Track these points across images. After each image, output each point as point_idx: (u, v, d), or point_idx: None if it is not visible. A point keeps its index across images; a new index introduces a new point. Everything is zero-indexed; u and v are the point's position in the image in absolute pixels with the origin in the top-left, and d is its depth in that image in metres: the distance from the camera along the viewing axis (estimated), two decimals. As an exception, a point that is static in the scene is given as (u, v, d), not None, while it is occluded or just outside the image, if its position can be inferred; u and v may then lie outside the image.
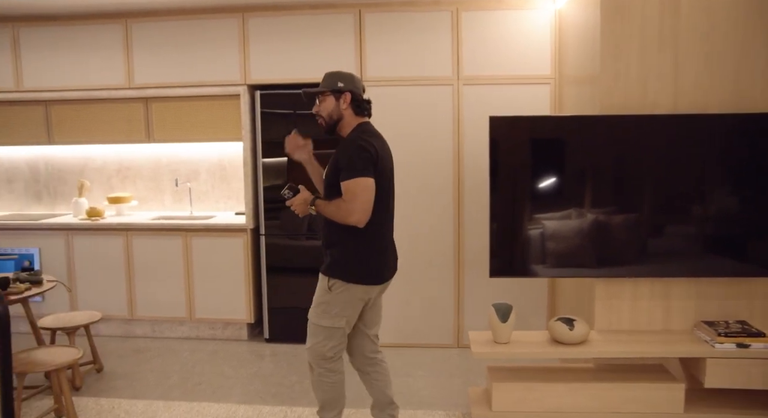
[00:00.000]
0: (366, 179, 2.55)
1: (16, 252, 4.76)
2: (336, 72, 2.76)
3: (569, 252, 3.22)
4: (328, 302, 2.70)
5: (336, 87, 2.70)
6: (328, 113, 2.73)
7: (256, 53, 4.39)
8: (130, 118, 4.75)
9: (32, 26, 4.66)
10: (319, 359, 2.75)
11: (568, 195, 3.22)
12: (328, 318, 2.70)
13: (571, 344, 3.01)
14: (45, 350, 3.39)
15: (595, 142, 3.15)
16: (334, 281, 2.67)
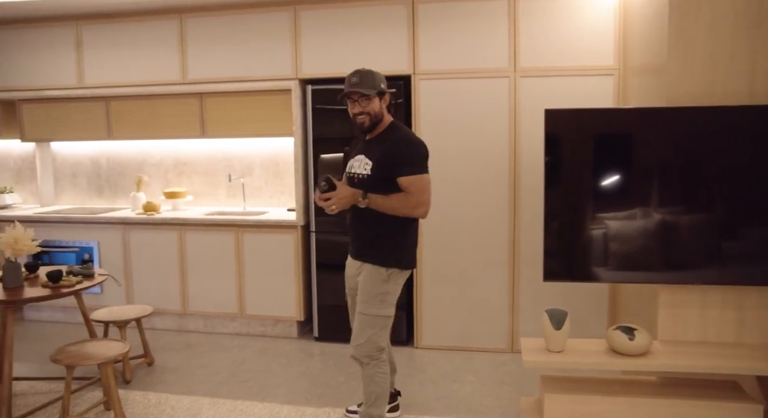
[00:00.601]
0: (428, 176, 2.78)
1: (77, 245, 4.89)
2: (372, 72, 2.85)
3: (630, 256, 2.98)
4: (386, 291, 2.83)
5: (381, 89, 2.84)
6: (375, 113, 2.85)
7: (308, 47, 4.32)
8: (185, 114, 4.78)
9: (93, 24, 4.76)
10: (375, 350, 2.85)
11: (631, 193, 2.98)
12: (387, 307, 2.85)
13: (631, 355, 2.78)
14: (95, 343, 3.42)
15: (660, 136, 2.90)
16: (392, 270, 2.82)
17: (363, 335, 2.85)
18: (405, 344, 4.37)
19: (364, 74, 2.82)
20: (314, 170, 4.38)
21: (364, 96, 2.80)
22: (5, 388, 3.22)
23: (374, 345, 2.85)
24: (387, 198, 2.75)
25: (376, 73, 2.85)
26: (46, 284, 3.44)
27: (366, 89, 2.79)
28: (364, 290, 2.86)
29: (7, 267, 3.40)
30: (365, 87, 2.80)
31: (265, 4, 4.36)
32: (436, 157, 4.09)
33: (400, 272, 2.85)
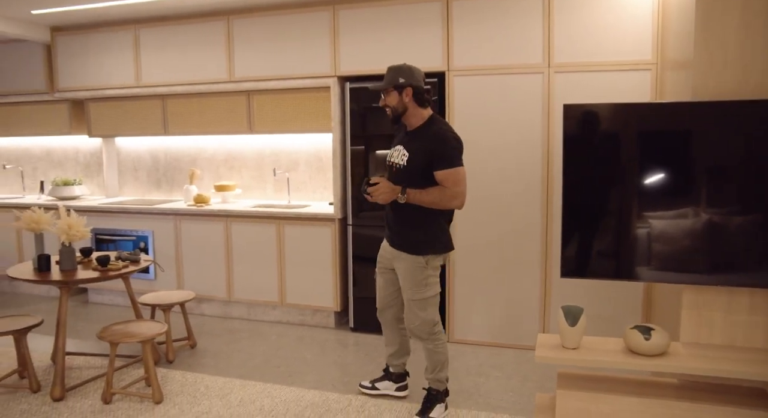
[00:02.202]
0: (463, 169, 2.95)
1: (135, 234, 5.21)
2: (397, 67, 3.04)
3: (649, 253, 2.93)
4: (427, 276, 3.07)
5: (398, 83, 2.99)
6: (394, 106, 3.05)
7: (346, 45, 4.44)
8: (234, 111, 5.01)
9: (150, 27, 5.06)
10: (432, 325, 3.13)
11: (652, 190, 2.93)
12: (431, 288, 3.09)
13: (647, 355, 2.74)
14: (138, 323, 3.67)
15: (680, 130, 2.83)
16: (428, 257, 3.05)
17: (417, 318, 3.12)
18: (437, 337, 4.42)
19: (388, 70, 3.05)
20: (351, 166, 4.49)
21: (384, 90, 3.05)
22: (60, 360, 3.51)
23: (429, 323, 3.12)
24: (424, 193, 2.94)
25: (399, 67, 3.02)
26: (96, 268, 3.71)
27: (384, 84, 3.03)
28: (407, 278, 3.11)
29: (63, 251, 3.69)
30: (383, 83, 3.03)
31: (306, 4, 4.52)
32: (469, 154, 4.12)
33: (435, 256, 3.07)
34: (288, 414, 3.26)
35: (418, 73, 3.03)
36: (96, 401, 3.42)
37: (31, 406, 3.39)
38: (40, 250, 3.76)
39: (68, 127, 5.71)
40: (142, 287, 5.15)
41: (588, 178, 3.00)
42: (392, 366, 3.50)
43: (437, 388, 3.23)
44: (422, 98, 3.02)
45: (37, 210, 3.77)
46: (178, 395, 3.50)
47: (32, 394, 3.55)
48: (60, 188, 5.80)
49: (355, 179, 4.48)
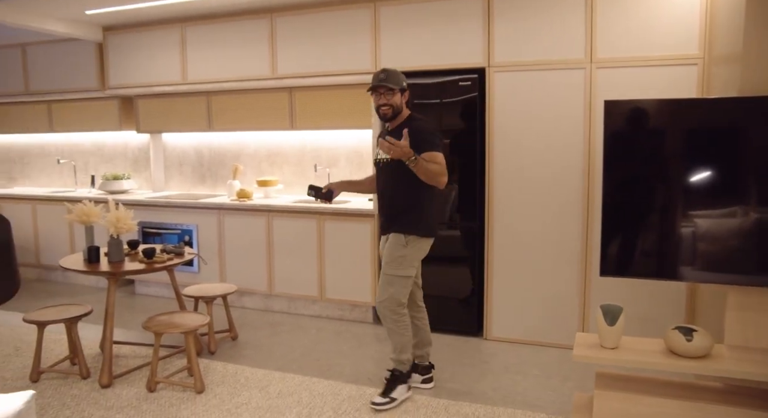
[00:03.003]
0: (442, 155, 3.20)
1: (180, 227, 5.34)
2: (396, 71, 3.34)
3: (694, 253, 2.86)
4: (404, 255, 3.30)
5: (403, 86, 3.33)
6: (396, 106, 3.32)
7: (386, 42, 4.46)
8: (276, 107, 5.08)
9: (195, 25, 5.18)
10: (396, 305, 3.32)
11: (697, 188, 2.86)
12: (404, 268, 3.30)
13: (689, 357, 2.68)
14: (181, 315, 3.77)
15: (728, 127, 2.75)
16: (410, 237, 3.29)
17: (386, 293, 3.32)
18: (475, 334, 4.41)
19: (390, 72, 3.30)
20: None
21: (390, 90, 3.26)
22: (107, 349, 3.64)
23: (395, 301, 3.31)
24: (430, 163, 3.14)
25: (399, 72, 3.34)
26: (142, 260, 3.83)
27: (392, 84, 3.27)
28: (387, 253, 3.35)
29: (111, 243, 3.82)
30: (392, 83, 3.27)
31: (347, 1, 4.55)
32: (509, 150, 4.11)
33: (417, 238, 3.29)
34: (325, 407, 3.30)
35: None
36: (141, 389, 3.54)
37: (81, 391, 3.53)
38: (90, 242, 3.90)
39: (118, 124, 5.89)
40: (186, 280, 5.29)
41: (630, 175, 2.95)
42: (416, 358, 3.59)
43: (400, 369, 3.40)
44: (408, 100, 3.42)
45: (88, 203, 3.91)
46: (219, 385, 3.59)
47: (82, 380, 3.69)
48: (109, 182, 5.99)
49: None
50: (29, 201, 6.16)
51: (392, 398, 3.33)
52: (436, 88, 4.33)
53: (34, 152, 6.94)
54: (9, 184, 7.05)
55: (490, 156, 4.19)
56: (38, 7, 4.89)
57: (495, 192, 4.20)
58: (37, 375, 3.71)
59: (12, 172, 7.09)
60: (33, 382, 3.68)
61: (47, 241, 6.11)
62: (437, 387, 3.55)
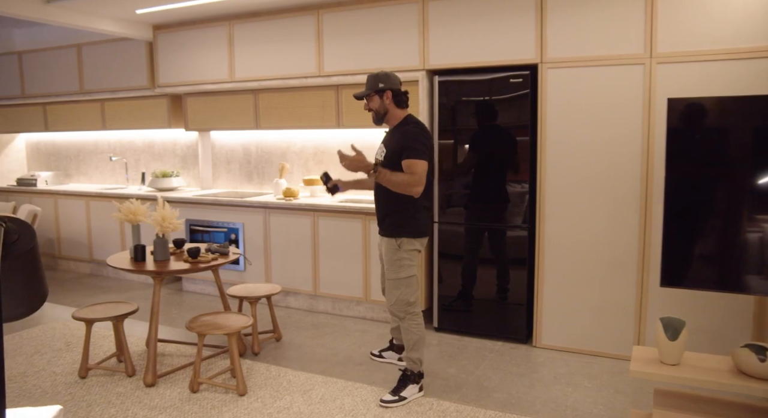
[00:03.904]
0: (424, 162, 3.22)
1: (226, 225, 5.35)
2: (376, 74, 3.39)
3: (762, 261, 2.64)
4: (402, 257, 3.35)
5: (378, 88, 3.35)
6: (376, 109, 3.41)
7: (435, 38, 4.33)
8: (323, 105, 5.02)
9: (243, 23, 5.17)
10: (405, 305, 3.39)
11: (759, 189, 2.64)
12: (404, 270, 3.36)
13: (761, 378, 2.47)
14: (225, 315, 3.75)
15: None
16: (402, 240, 3.34)
17: (393, 296, 3.41)
18: (523, 342, 4.25)
19: (368, 77, 3.39)
20: (440, 160, 4.38)
21: (367, 96, 3.39)
22: (152, 348, 3.64)
23: (404, 302, 3.38)
24: (393, 174, 3.21)
25: (377, 75, 3.37)
26: (186, 259, 3.82)
27: (365, 91, 3.39)
28: (386, 259, 3.42)
29: (157, 242, 3.83)
30: (365, 89, 3.40)
31: (395, -3, 4.45)
32: (562, 149, 3.93)
33: (409, 239, 3.34)
34: (368, 414, 3.21)
35: (394, 78, 3.40)
36: (184, 390, 3.53)
37: (126, 389, 3.54)
38: (137, 240, 3.91)
39: (167, 122, 5.95)
40: (231, 278, 5.29)
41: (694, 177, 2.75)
42: (396, 339, 3.92)
43: (411, 369, 3.45)
44: (400, 100, 3.39)
45: (135, 202, 3.93)
46: (261, 388, 3.55)
47: (128, 377, 3.71)
48: (159, 180, 6.06)
49: (443, 175, 4.38)
50: (83, 197, 6.30)
51: (401, 396, 3.36)
52: (486, 85, 4.18)
53: (88, 149, 7.10)
54: (66, 180, 7.23)
55: (541, 155, 4.02)
56: (91, 7, 4.96)
57: (547, 193, 4.03)
58: (85, 371, 3.75)
59: (68, 168, 7.27)
60: (81, 378, 3.72)
61: (100, 237, 6.23)
62: (484, 397, 3.42)
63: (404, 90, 3.43)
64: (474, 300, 4.39)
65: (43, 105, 6.81)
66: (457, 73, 4.30)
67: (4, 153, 7.41)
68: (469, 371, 3.81)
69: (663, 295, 3.71)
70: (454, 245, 4.42)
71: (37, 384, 3.64)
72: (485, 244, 4.32)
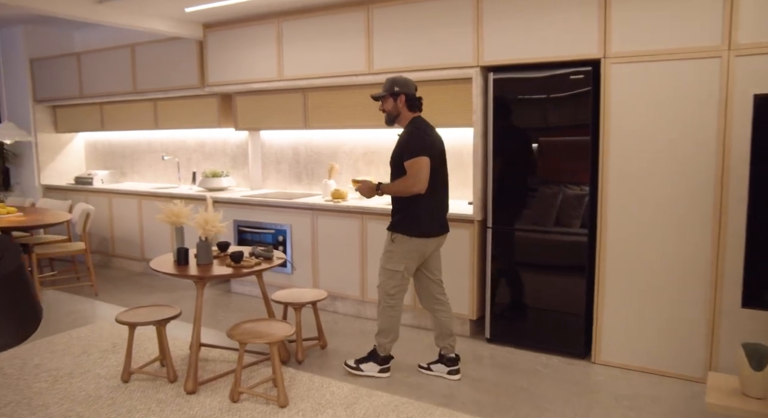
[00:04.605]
0: (419, 158, 3.42)
1: (273, 227, 5.26)
2: (394, 78, 3.63)
3: None
4: (392, 250, 3.60)
5: (393, 91, 3.58)
6: (389, 111, 3.64)
7: (490, 33, 4.08)
8: (372, 104, 4.79)
9: (292, 20, 5.05)
10: (384, 294, 3.67)
11: None
12: (392, 263, 3.61)
13: None
14: (268, 323, 3.63)
15: None
16: (396, 235, 3.58)
17: (379, 280, 3.71)
18: (581, 356, 3.97)
19: (386, 80, 3.63)
20: (493, 162, 4.15)
21: (381, 96, 3.62)
22: (193, 355, 3.56)
23: (383, 290, 3.66)
24: (392, 185, 3.56)
25: (397, 78, 3.61)
26: (229, 264, 3.72)
27: (380, 93, 3.64)
28: (384, 247, 3.68)
29: (199, 246, 3.74)
30: (382, 91, 3.63)
31: (448, -10, 4.22)
32: (627, 151, 3.64)
33: (403, 237, 3.55)
34: (412, 433, 3.03)
35: (411, 84, 3.60)
36: (224, 399, 3.42)
37: (167, 396, 3.47)
38: (180, 243, 3.84)
39: (217, 121, 5.90)
40: (278, 281, 5.20)
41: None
42: (441, 349, 3.79)
43: (378, 351, 3.73)
44: (413, 104, 3.60)
45: (178, 203, 3.85)
46: (303, 399, 3.41)
47: (169, 383, 3.64)
48: (209, 180, 6.02)
49: (497, 176, 4.14)
50: (135, 196, 6.34)
51: (360, 368, 3.74)
52: (544, 83, 3.92)
53: (142, 148, 7.16)
54: (121, 179, 7.32)
55: (603, 157, 3.73)
56: (141, 6, 4.94)
57: (609, 198, 3.74)
58: (128, 375, 3.70)
59: (124, 167, 7.36)
60: (124, 382, 3.68)
61: (151, 236, 6.26)
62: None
63: (418, 96, 3.62)
64: (528, 309, 4.14)
65: (100, 105, 6.90)
66: (512, 70, 4.04)
67: (64, 152, 7.56)
68: (522, 387, 3.57)
69: (742, 315, 3.35)
70: (508, 250, 4.18)
71: (81, 386, 3.62)
72: (541, 249, 4.05)
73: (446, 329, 3.75)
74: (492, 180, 4.17)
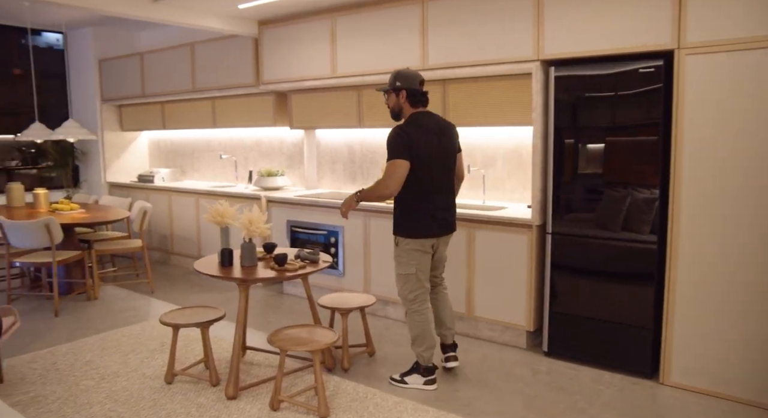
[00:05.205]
0: (397, 161, 3.34)
1: (326, 228, 5.13)
2: (397, 71, 3.53)
3: None
4: (399, 254, 3.55)
5: (395, 86, 3.49)
6: (392, 106, 3.56)
7: (551, 23, 3.80)
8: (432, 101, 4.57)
9: (346, 15, 4.91)
10: (404, 300, 3.59)
11: None
12: (402, 267, 3.54)
13: None
14: (311, 330, 3.50)
15: None
16: (398, 238, 3.55)
17: (397, 287, 3.61)
18: (648, 376, 3.63)
19: (391, 75, 3.53)
20: (555, 163, 3.87)
21: (386, 92, 3.56)
22: (235, 359, 3.46)
23: (403, 296, 3.58)
24: (368, 189, 3.54)
25: (398, 72, 3.51)
26: (273, 267, 3.60)
27: (383, 87, 3.61)
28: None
29: (243, 247, 3.65)
30: (386, 86, 3.56)
31: (508, -21, 3.97)
32: (703, 152, 3.29)
33: (404, 239, 3.50)
34: (457, 455, 2.82)
35: (414, 78, 3.49)
36: (265, 406, 3.31)
37: (207, 400, 3.39)
38: (225, 244, 3.76)
39: (272, 119, 5.84)
40: (328, 283, 5.08)
41: None
42: (440, 336, 3.78)
43: (419, 361, 3.58)
44: (416, 100, 3.49)
45: (223, 203, 3.77)
46: (345, 411, 3.25)
47: (211, 387, 3.57)
48: (264, 179, 5.97)
49: (558, 178, 3.86)
50: (193, 195, 6.38)
51: (405, 381, 3.59)
52: (610, 79, 3.61)
53: (201, 147, 7.21)
54: (181, 177, 7.41)
55: (676, 159, 3.38)
56: (195, 4, 4.92)
57: (682, 202, 3.39)
58: (171, 377, 3.65)
59: (184, 165, 7.45)
60: (167, 383, 3.63)
61: (208, 234, 6.28)
62: (597, 444, 2.91)
63: (424, 91, 3.51)
64: (590, 321, 3.83)
65: (161, 104, 6.99)
66: (575, 64, 3.75)
67: (129, 150, 7.73)
68: (582, 408, 3.29)
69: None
70: (570, 257, 3.89)
71: (126, 386, 3.60)
72: (605, 256, 3.74)
73: (438, 318, 3.77)
74: (552, 182, 3.89)
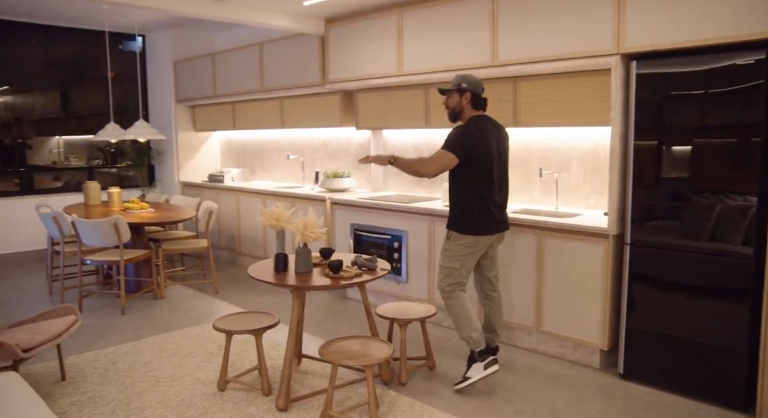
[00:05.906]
0: (450, 154, 3.41)
1: (390, 232, 4.95)
2: (463, 74, 3.59)
3: None
4: (448, 248, 3.60)
5: (461, 87, 3.54)
6: (453, 106, 3.60)
7: (632, 13, 3.44)
8: (499, 100, 4.29)
9: (413, 11, 4.70)
10: (442, 291, 3.63)
11: None
12: (448, 261, 3.58)
13: None
14: (365, 342, 3.31)
15: None
16: (451, 233, 3.58)
17: (437, 278, 3.68)
18: (740, 408, 3.21)
19: (455, 77, 3.59)
20: (635, 166, 3.51)
21: (447, 91, 3.59)
22: (286, 370, 3.34)
23: (441, 289, 3.62)
24: (407, 159, 3.61)
25: (466, 75, 3.58)
26: (327, 274, 3.45)
27: (446, 87, 3.61)
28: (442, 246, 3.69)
29: (298, 252, 3.51)
30: (450, 85, 3.59)
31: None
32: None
33: (458, 234, 3.54)
34: (517, 489, 2.55)
35: (479, 84, 3.56)
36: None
37: (258, 410, 3.28)
38: (281, 248, 3.63)
39: (338, 119, 5.71)
40: (390, 289, 4.90)
41: None
42: (487, 340, 3.69)
43: (470, 347, 3.54)
44: (477, 103, 3.56)
45: (279, 206, 3.65)
46: (397, 430, 3.05)
47: (263, 396, 3.46)
48: (330, 180, 5.85)
49: (639, 184, 3.50)
50: (260, 195, 6.35)
51: (466, 377, 3.50)
52: (699, 75, 3.22)
53: (270, 147, 7.20)
54: (251, 177, 7.43)
55: (781, 164, 2.97)
56: (259, 2, 4.85)
57: (787, 215, 2.98)
58: (224, 384, 3.57)
59: (254, 166, 7.46)
60: (220, 390, 3.55)
61: (272, 235, 6.22)
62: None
63: (484, 97, 3.58)
64: (672, 341, 3.45)
65: (232, 104, 7.02)
66: (659, 57, 3.38)
67: (201, 150, 7.84)
68: (662, 443, 2.94)
69: None
70: (652, 268, 3.51)
71: (179, 391, 3.54)
72: (691, 269, 3.35)
73: (490, 324, 3.76)
74: (632, 188, 3.53)
